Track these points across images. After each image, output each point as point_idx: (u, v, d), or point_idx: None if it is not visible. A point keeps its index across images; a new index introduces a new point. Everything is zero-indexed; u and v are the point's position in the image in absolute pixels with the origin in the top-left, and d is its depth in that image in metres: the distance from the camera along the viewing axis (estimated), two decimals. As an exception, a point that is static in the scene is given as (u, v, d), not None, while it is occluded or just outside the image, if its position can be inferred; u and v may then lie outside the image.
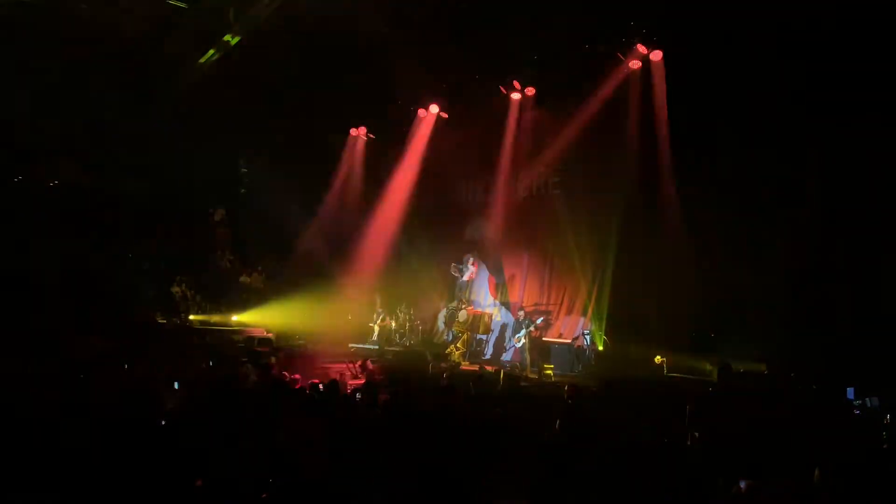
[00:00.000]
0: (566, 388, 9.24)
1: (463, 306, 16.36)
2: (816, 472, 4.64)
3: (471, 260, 16.98)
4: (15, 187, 19.08)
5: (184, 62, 15.40)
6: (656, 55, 13.32)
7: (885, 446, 7.05)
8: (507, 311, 16.47)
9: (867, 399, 8.37)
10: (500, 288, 17.00)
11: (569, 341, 14.15)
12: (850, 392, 8.67)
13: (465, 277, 16.84)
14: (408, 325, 17.49)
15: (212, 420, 6.61)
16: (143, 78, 17.19)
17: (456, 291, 17.01)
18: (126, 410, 7.08)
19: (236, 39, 13.98)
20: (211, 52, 14.67)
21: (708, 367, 11.52)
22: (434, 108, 17.90)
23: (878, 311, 9.89)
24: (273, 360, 12.69)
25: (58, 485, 5.05)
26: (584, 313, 14.70)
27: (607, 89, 14.33)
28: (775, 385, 10.20)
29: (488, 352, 16.05)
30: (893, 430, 7.61)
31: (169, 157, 18.68)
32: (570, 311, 15.04)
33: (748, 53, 11.42)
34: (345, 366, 12.74)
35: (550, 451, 7.65)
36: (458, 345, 15.40)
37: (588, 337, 14.13)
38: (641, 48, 13.47)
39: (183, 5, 14.20)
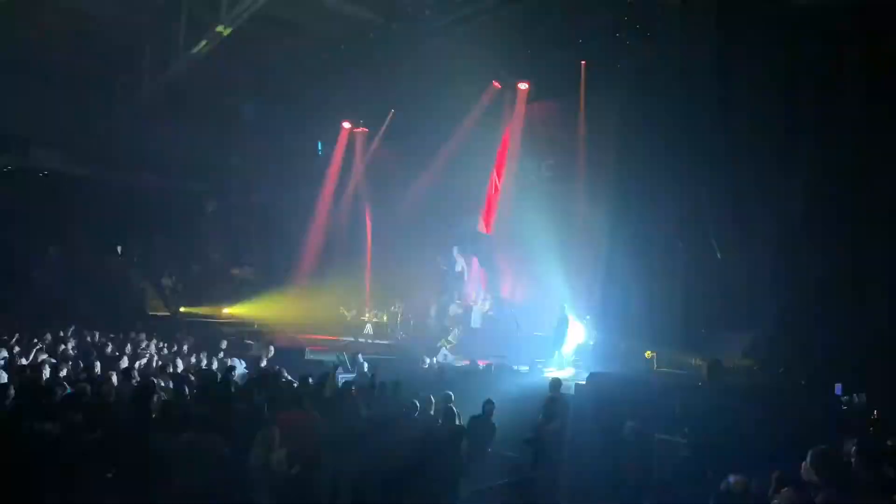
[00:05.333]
0: (550, 381, 9.29)
1: (454, 300, 16.36)
2: (803, 467, 4.68)
3: (455, 250, 16.97)
4: (4, 177, 18.96)
5: (176, 52, 15.29)
6: (649, 50, 13.32)
7: (871, 441, 7.09)
8: (500, 304, 16.48)
9: (854, 395, 8.42)
10: (491, 282, 17.01)
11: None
12: (838, 388, 8.73)
13: (458, 269, 16.81)
14: (399, 318, 17.48)
15: (202, 412, 6.60)
16: (135, 68, 17.08)
17: (447, 285, 17.00)
18: (119, 401, 7.08)
19: (228, 30, 13.88)
20: (203, 42, 14.56)
21: (697, 362, 11.56)
22: (426, 103, 17.86)
23: (867, 307, 9.95)
24: (264, 353, 12.68)
25: (50, 476, 5.05)
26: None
27: (600, 84, 14.35)
28: (764, 381, 10.26)
29: (480, 345, 16.04)
30: (879, 426, 7.68)
31: (160, 149, 18.60)
32: (562, 305, 15.02)
33: (736, 47, 11.45)
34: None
35: (532, 443, 7.72)
36: (449, 338, 15.41)
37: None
38: (635, 45, 13.49)
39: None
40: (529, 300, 16.05)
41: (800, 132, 10.96)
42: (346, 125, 19.46)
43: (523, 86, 15.97)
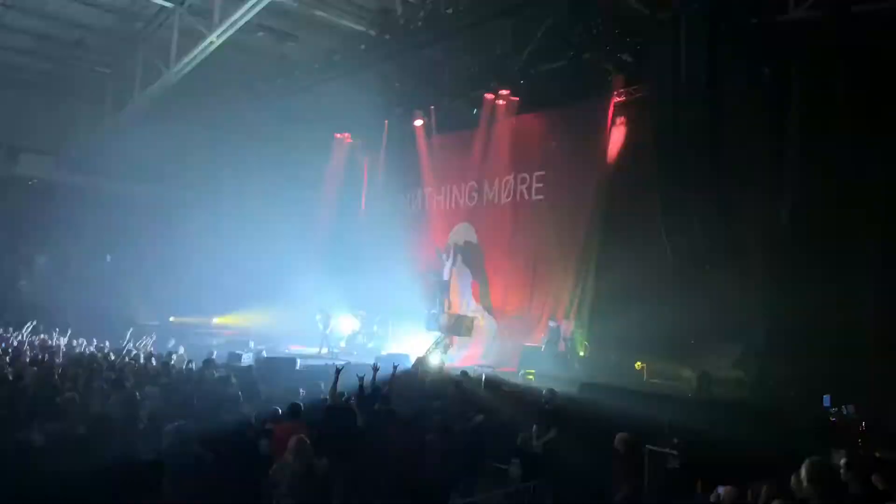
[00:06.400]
0: (544, 392, 9.29)
1: (444, 310, 16.35)
2: (793, 478, 4.70)
3: (444, 256, 16.98)
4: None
5: (167, 61, 15.27)
6: (639, 62, 13.42)
7: (860, 453, 7.14)
8: (490, 315, 16.49)
9: (843, 406, 8.47)
10: (482, 292, 17.02)
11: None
12: (827, 399, 8.78)
13: (446, 271, 16.83)
14: (390, 329, 17.45)
15: (194, 422, 6.56)
16: (126, 76, 17.05)
17: (437, 296, 17.00)
18: (106, 411, 7.04)
19: (220, 40, 13.89)
20: (195, 51, 14.55)
21: (687, 373, 11.60)
22: (418, 114, 17.94)
23: (856, 319, 10.02)
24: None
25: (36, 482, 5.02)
26: (567, 318, 14.75)
27: (591, 96, 14.45)
28: (753, 392, 10.30)
29: (472, 355, 16.05)
30: (868, 437, 7.73)
31: (150, 157, 18.55)
32: (552, 316, 15.06)
33: (728, 59, 11.56)
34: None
35: (527, 454, 7.70)
36: (439, 348, 15.38)
37: (570, 342, 14.18)
38: (625, 56, 13.60)
39: (168, 5, 14.13)
40: (519, 311, 16.06)
41: (789, 144, 11.06)
42: (338, 136, 19.50)
43: (514, 98, 16.04)
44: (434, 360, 14.45)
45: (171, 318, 18.80)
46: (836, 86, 10.45)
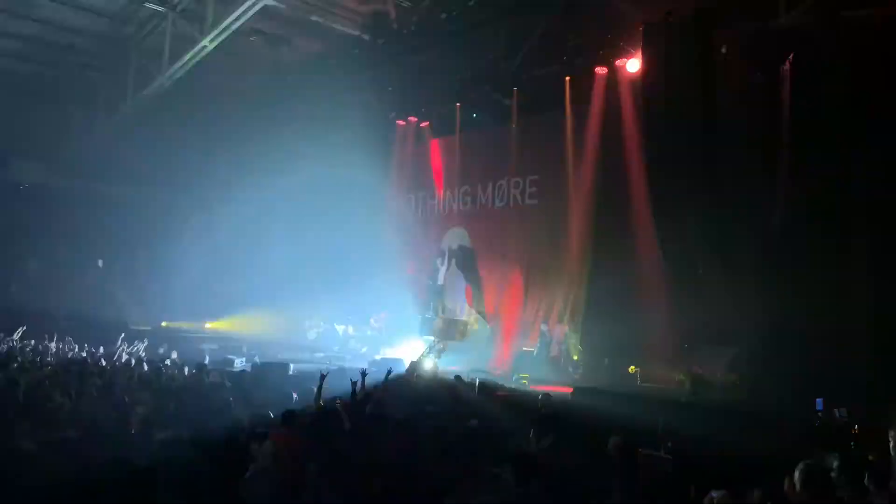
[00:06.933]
0: (540, 396, 9.30)
1: (438, 314, 16.34)
2: (787, 482, 4.70)
3: (438, 260, 16.98)
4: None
5: (160, 65, 15.26)
6: (632, 66, 13.47)
7: (853, 456, 7.15)
8: (484, 319, 16.49)
9: (836, 410, 8.49)
10: (476, 297, 17.02)
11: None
12: (819, 403, 8.79)
13: (440, 283, 16.82)
14: (383, 333, 17.43)
15: (187, 427, 6.53)
16: (119, 80, 17.02)
17: (431, 300, 16.98)
18: (97, 418, 6.99)
19: (214, 43, 13.89)
20: (188, 55, 14.55)
21: (680, 377, 11.61)
22: (411, 119, 17.94)
23: (848, 322, 10.05)
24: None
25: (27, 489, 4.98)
26: (560, 322, 14.75)
27: (584, 101, 14.48)
28: (747, 396, 10.31)
29: (466, 359, 16.01)
30: (861, 441, 7.74)
31: (143, 161, 18.50)
32: (546, 321, 15.08)
33: (721, 65, 11.60)
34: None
35: (523, 459, 7.67)
36: (433, 353, 15.36)
37: (563, 346, 14.18)
38: (618, 62, 13.64)
39: (161, 9, 14.12)
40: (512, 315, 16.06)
41: (782, 148, 11.10)
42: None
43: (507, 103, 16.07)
44: (427, 365, 14.42)
45: (164, 323, 18.72)
46: (828, 91, 10.49)
